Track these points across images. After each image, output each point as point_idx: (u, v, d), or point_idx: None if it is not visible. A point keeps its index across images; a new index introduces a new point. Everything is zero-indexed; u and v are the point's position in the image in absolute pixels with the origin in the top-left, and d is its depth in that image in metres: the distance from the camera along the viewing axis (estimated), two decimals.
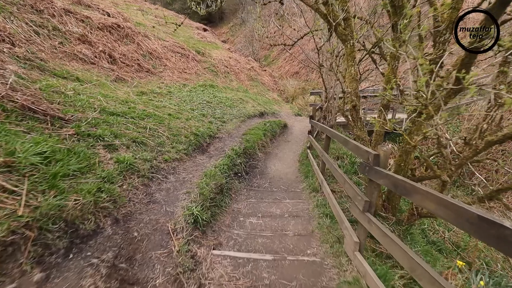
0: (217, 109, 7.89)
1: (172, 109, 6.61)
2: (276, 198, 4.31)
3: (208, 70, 11.32)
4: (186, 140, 5.04)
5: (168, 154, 4.21)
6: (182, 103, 7.43)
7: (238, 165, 5.20)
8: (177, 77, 9.84)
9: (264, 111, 9.54)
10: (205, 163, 4.61)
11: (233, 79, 12.23)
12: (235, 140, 6.24)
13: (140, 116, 5.13)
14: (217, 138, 6.18)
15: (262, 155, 6.51)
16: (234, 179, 4.75)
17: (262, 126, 7.61)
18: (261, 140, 6.84)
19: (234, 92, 10.56)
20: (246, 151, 5.96)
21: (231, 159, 5.01)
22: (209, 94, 8.96)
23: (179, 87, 9.05)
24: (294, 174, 5.61)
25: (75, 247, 1.89)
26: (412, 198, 1.40)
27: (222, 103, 8.51)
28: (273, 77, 15.73)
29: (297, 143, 7.88)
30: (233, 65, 13.50)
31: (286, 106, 12.78)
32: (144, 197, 2.91)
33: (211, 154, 5.22)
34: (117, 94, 6.40)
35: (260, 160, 6.25)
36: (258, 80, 13.94)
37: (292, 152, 7.11)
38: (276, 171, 5.80)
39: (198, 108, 7.49)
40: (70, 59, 7.56)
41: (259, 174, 5.56)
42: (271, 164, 6.17)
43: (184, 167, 4.15)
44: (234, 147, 5.62)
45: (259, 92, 12.60)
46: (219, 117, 7.33)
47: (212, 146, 5.69)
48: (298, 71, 20.53)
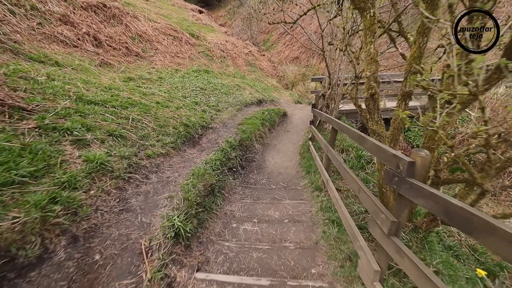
0: (212, 97, 7.32)
1: (162, 97, 6.04)
2: (274, 198, 3.85)
3: (203, 55, 10.61)
4: (175, 131, 4.52)
5: (152, 149, 3.70)
6: (173, 90, 6.85)
7: (233, 159, 4.71)
8: (169, 61, 9.17)
9: (262, 99, 8.97)
10: (195, 157, 4.11)
11: (230, 64, 11.53)
12: (231, 130, 5.72)
13: (123, 104, 4.59)
14: (210, 128, 5.66)
15: (260, 147, 6.01)
16: (228, 175, 4.27)
17: (260, 115, 7.07)
18: (258, 130, 6.32)
19: (230, 78, 9.92)
20: (242, 143, 5.45)
21: (224, 153, 4.51)
22: (203, 80, 8.34)
23: (171, 72, 8.41)
24: (295, 168, 5.14)
25: (6, 284, 1.42)
26: (481, 238, 0.91)
27: (217, 90, 7.91)
28: (272, 63, 14.98)
29: (297, 133, 7.37)
30: (230, 49, 12.74)
31: (286, 93, 12.16)
32: (116, 204, 2.42)
33: (203, 147, 4.72)
34: (100, 80, 5.83)
35: (258, 152, 5.76)
36: (256, 66, 13.22)
37: (292, 143, 6.61)
38: (275, 165, 5.32)
39: (190, 95, 6.91)
40: (50, 42, 6.90)
41: (256, 169, 5.09)
42: (269, 157, 5.69)
43: (170, 164, 3.65)
44: (228, 138, 5.11)
45: (257, 78, 11.93)
46: (213, 106, 6.77)
47: (204, 138, 5.18)
48: (299, 56, 19.70)
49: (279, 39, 23.16)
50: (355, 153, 4.84)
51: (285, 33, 23.07)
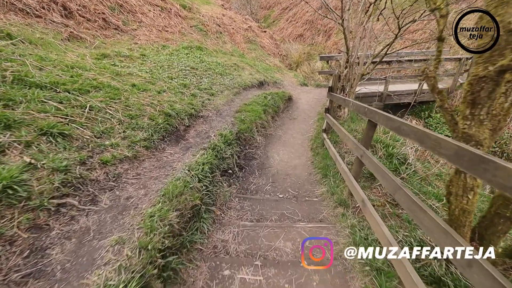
0: (204, 78, 6.14)
1: (141, 78, 4.89)
2: (283, 216, 2.84)
3: (196, 29, 9.26)
4: (151, 124, 3.44)
5: (113, 151, 2.64)
6: (157, 70, 5.68)
7: (228, 159, 3.67)
8: (156, 36, 7.88)
9: (264, 80, 7.78)
10: (177, 160, 3.06)
11: (227, 40, 10.18)
12: (226, 120, 4.63)
13: (83, 88, 3.49)
14: (201, 117, 4.56)
15: (261, 139, 4.94)
16: (221, 182, 3.25)
17: (262, 100, 5.93)
18: (260, 119, 5.22)
19: (227, 56, 8.65)
20: (241, 135, 4.38)
21: (217, 151, 3.45)
22: (194, 58, 7.11)
23: (156, 49, 7.17)
24: (306, 168, 4.09)
25: None
26: None
27: (211, 69, 6.71)
28: (274, 40, 13.55)
29: (305, 121, 6.27)
30: (227, 24, 11.30)
31: (290, 74, 10.89)
32: (20, 263, 1.40)
33: (190, 143, 3.65)
34: (64, 58, 4.68)
35: (260, 147, 4.70)
36: (256, 43, 11.83)
37: (300, 133, 5.53)
38: (280, 163, 4.28)
39: (178, 76, 5.75)
40: (6, 10, 5.66)
41: (257, 169, 4.05)
42: (273, 152, 4.63)
43: (137, 172, 2.61)
44: (223, 131, 4.04)
45: (258, 57, 10.62)
46: (205, 88, 5.62)
47: (192, 130, 4.10)
48: (303, 33, 18.11)
49: (281, 15, 21.38)
50: (385, 150, 3.78)
51: (288, 8, 21.26)
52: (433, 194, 3.15)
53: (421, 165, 3.93)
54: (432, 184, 3.54)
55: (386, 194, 3.02)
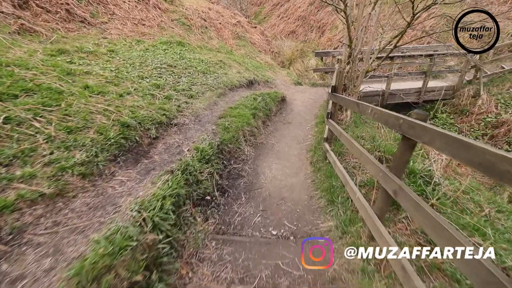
0: (183, 77, 5.25)
1: (101, 78, 3.99)
2: (278, 270, 2.00)
3: (178, 23, 8.34)
4: (98, 139, 2.55)
5: (22, 187, 1.75)
6: (125, 68, 4.77)
7: (205, 181, 2.81)
8: (130, 30, 6.93)
9: (254, 79, 6.93)
10: (127, 192, 2.19)
11: (213, 36, 9.28)
12: (206, 128, 3.77)
13: (8, 92, 2.62)
14: (174, 126, 3.69)
15: (250, 150, 4.10)
16: (194, 217, 2.40)
17: (251, 102, 5.08)
18: (249, 125, 4.37)
19: (213, 53, 7.76)
20: (224, 148, 3.53)
21: (189, 173, 2.59)
22: (173, 54, 6.20)
23: (129, 44, 6.24)
24: (305, 188, 3.26)
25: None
26: None
27: (193, 67, 5.82)
28: (265, 36, 12.71)
29: (301, 126, 5.45)
30: (214, 18, 10.39)
31: (282, 72, 10.07)
32: None
33: (153, 162, 2.78)
34: (5, 54, 3.77)
35: (248, 160, 3.85)
36: (246, 39, 10.95)
37: (296, 141, 4.71)
38: (273, 182, 3.44)
39: (151, 75, 4.85)
40: None
41: (244, 191, 3.20)
42: (265, 167, 3.79)
43: (56, 220, 1.72)
44: (200, 143, 3.19)
45: (248, 54, 9.76)
46: (183, 90, 4.74)
47: (161, 143, 3.22)
48: (295, 30, 17.32)
49: (273, 11, 20.54)
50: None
51: (279, 4, 20.43)
52: (473, 227, 2.37)
53: (448, 182, 3.15)
54: (466, 210, 2.77)
55: (416, 232, 2.23)
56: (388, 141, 4.14)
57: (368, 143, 3.87)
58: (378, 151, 3.47)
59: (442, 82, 8.66)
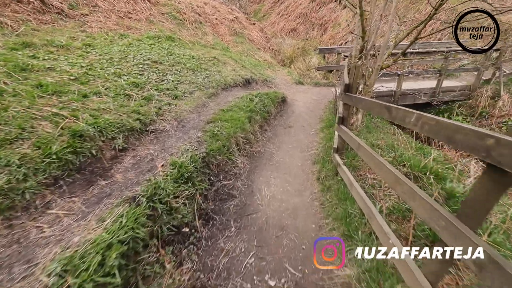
0: (169, 75, 4.57)
1: (64, 75, 3.33)
2: None
3: (169, 17, 7.67)
4: (33, 155, 1.87)
5: None
6: (100, 64, 4.10)
7: (181, 208, 2.14)
8: (114, 23, 6.26)
9: (251, 78, 6.25)
10: (58, 237, 1.51)
11: (209, 32, 8.61)
12: (190, 135, 3.10)
13: None
14: (151, 133, 3.02)
15: (244, 161, 3.42)
16: (161, 261, 1.72)
17: (247, 104, 4.40)
18: (243, 130, 3.69)
19: (206, 49, 7.09)
20: (211, 160, 2.86)
21: (158, 200, 1.92)
22: (160, 50, 5.52)
23: (111, 38, 5.56)
24: (312, 214, 2.59)
25: None
26: None
27: (181, 64, 5.14)
28: (264, 33, 12.04)
29: (304, 130, 4.77)
30: (210, 13, 9.72)
31: (283, 71, 9.39)
32: None
33: (113, 184, 2.11)
34: None
35: (241, 174, 3.17)
36: (244, 36, 10.27)
37: (299, 149, 4.03)
38: (272, 203, 2.76)
39: (130, 72, 4.18)
40: None
41: (235, 218, 2.52)
42: (262, 183, 3.12)
43: None
44: (180, 156, 2.52)
45: (246, 51, 9.08)
46: (167, 89, 4.07)
47: (129, 155, 2.55)
48: (296, 27, 16.65)
49: (272, 9, 19.86)
50: (437, 184, 2.30)
51: (279, 1, 19.76)
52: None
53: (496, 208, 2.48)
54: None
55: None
56: (409, 150, 3.48)
57: (386, 153, 3.20)
58: (401, 164, 2.80)
59: (456, 81, 7.98)
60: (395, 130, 4.44)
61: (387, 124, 5.02)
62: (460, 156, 4.45)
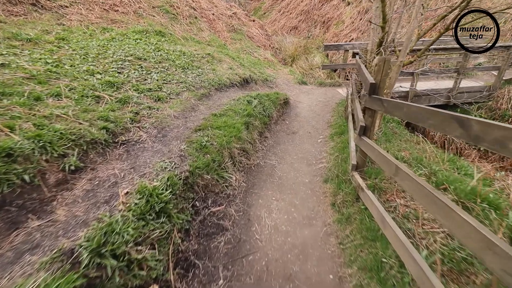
0: (154, 73, 3.94)
1: (19, 73, 2.70)
2: None
3: (161, 11, 7.05)
4: None
5: None
6: (71, 60, 3.48)
7: (143, 261, 1.50)
8: (97, 16, 5.63)
9: (249, 77, 5.63)
10: None
11: (204, 28, 7.98)
12: (171, 147, 2.46)
13: None
14: (120, 145, 2.39)
15: (240, 177, 2.79)
16: None
17: (244, 107, 3.77)
18: (238, 140, 3.06)
19: (200, 45, 6.46)
20: (196, 181, 2.23)
21: (102, 256, 1.28)
22: (147, 45, 4.89)
23: (92, 32, 4.93)
24: (328, 256, 1.95)
25: None
26: None
27: (169, 61, 4.51)
28: (264, 30, 11.41)
29: (310, 137, 4.14)
30: (206, 8, 9.09)
31: (284, 70, 8.76)
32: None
33: (50, 225, 1.47)
34: None
35: (234, 196, 2.54)
36: (243, 32, 9.64)
37: (305, 161, 3.39)
38: (274, 238, 2.13)
39: (107, 70, 3.55)
40: None
41: (225, 263, 1.89)
42: (261, 208, 2.48)
43: None
44: (152, 180, 1.89)
45: (244, 49, 8.45)
46: (150, 89, 3.44)
47: (84, 179, 1.91)
48: (297, 25, 15.99)
49: (273, 6, 19.21)
50: (499, 219, 1.67)
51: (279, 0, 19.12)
52: None
53: None
54: None
55: None
56: (440, 163, 2.84)
57: (416, 169, 2.57)
58: (441, 188, 2.17)
59: (473, 81, 7.34)
60: (417, 138, 3.80)
61: (405, 130, 4.39)
62: (493, 168, 3.83)
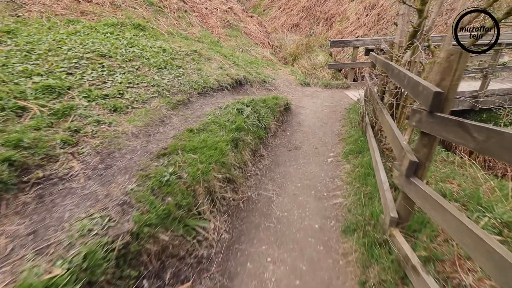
0: (118, 73, 3.08)
1: None
2: None
3: (144, 3, 6.21)
4: None
5: None
6: (8, 59, 2.62)
7: None
8: (64, 7, 4.78)
9: (244, 78, 4.77)
10: None
11: (195, 23, 7.14)
12: (111, 187, 1.60)
13: None
14: (33, 185, 1.53)
15: (221, 224, 1.93)
16: None
17: (233, 118, 2.90)
18: (222, 166, 2.20)
19: (188, 42, 5.61)
20: (144, 245, 1.37)
21: None
22: (118, 40, 4.03)
23: (52, 24, 4.08)
24: None
25: None
26: None
27: (142, 59, 3.65)
28: (263, 27, 10.56)
29: (318, 155, 3.28)
30: (198, 2, 8.25)
31: (285, 69, 7.90)
32: None
33: None
34: None
35: (210, 258, 1.69)
36: (239, 29, 8.78)
37: (313, 191, 2.53)
38: None
39: (54, 70, 2.69)
40: None
41: None
42: (248, 279, 1.63)
43: None
44: (54, 263, 1.02)
45: (240, 46, 7.59)
46: (107, 95, 2.59)
47: None
48: (299, 22, 15.15)
49: (273, 3, 18.35)
50: None
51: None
52: None
53: None
54: None
55: None
56: (502, 199, 1.98)
57: (476, 214, 1.72)
58: None
59: (499, 83, 6.47)
60: (456, 157, 2.94)
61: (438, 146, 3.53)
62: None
